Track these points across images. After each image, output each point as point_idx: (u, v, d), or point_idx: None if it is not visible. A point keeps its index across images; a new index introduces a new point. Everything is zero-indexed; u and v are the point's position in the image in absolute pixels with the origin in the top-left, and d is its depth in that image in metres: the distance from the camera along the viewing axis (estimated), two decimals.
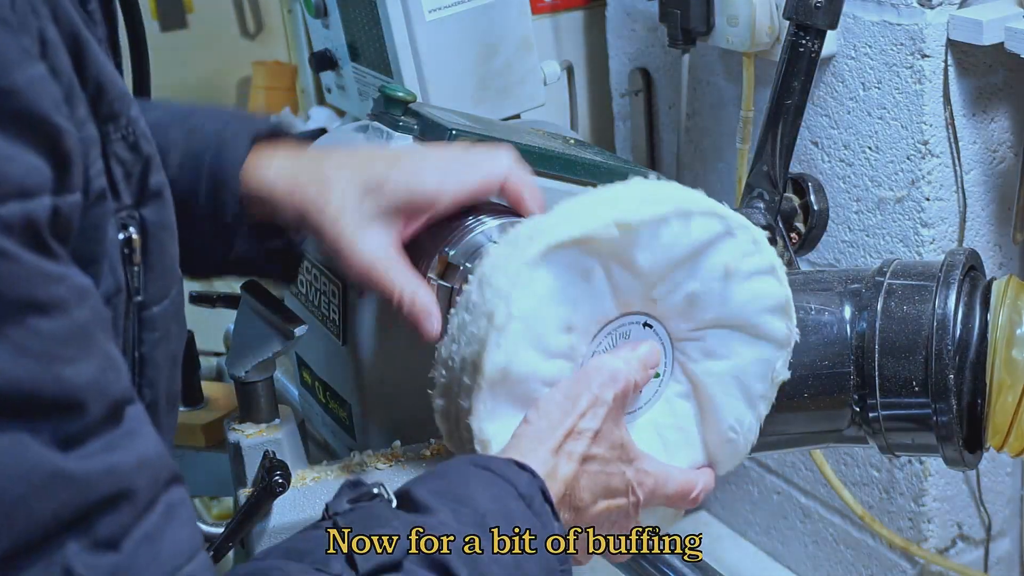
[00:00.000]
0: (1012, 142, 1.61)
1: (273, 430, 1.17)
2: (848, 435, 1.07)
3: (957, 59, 1.52)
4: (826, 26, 1.32)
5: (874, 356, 1.02)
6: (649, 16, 1.92)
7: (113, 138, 0.73)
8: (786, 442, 1.12)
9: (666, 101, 1.99)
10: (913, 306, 1.02)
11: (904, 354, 1.01)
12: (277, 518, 1.12)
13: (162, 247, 0.78)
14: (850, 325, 1.05)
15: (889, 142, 1.58)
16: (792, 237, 1.35)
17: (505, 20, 1.65)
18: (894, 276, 1.06)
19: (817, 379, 1.05)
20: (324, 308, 1.27)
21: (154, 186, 0.77)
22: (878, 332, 1.03)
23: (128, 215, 0.75)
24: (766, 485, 1.99)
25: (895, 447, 1.05)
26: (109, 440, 0.66)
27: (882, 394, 1.02)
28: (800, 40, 1.32)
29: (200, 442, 1.47)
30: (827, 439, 1.12)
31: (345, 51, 1.77)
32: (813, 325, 1.06)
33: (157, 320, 0.78)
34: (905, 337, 1.02)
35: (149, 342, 0.78)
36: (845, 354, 1.04)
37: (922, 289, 1.03)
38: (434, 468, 0.93)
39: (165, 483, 0.70)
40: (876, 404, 1.03)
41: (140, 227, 0.76)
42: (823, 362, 1.05)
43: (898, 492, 1.73)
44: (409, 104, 1.35)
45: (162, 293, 0.79)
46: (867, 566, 1.82)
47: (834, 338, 1.05)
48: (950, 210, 1.58)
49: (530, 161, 1.28)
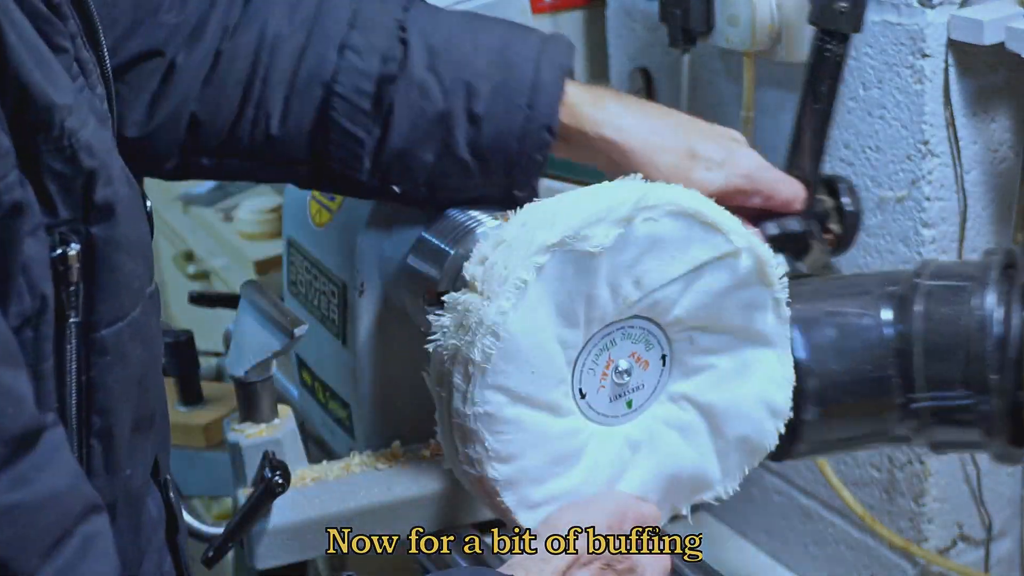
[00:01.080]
0: (1013, 142, 1.60)
1: (273, 430, 1.17)
2: (894, 435, 1.10)
3: (958, 59, 1.52)
4: (850, 30, 1.33)
5: (916, 358, 1.05)
6: (649, 16, 1.92)
7: (43, 149, 0.68)
8: (835, 446, 1.15)
9: (666, 101, 1.99)
10: (952, 307, 1.05)
11: (945, 355, 1.04)
12: (277, 518, 1.12)
13: (113, 265, 0.73)
14: (890, 328, 1.07)
15: (889, 142, 1.58)
16: (828, 239, 1.36)
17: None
18: (931, 277, 1.08)
19: (861, 384, 1.07)
20: (324, 308, 1.27)
21: (101, 201, 0.72)
22: (919, 334, 1.05)
23: (70, 230, 0.70)
24: (766, 485, 1.99)
25: (941, 445, 1.08)
26: (11, 478, 0.61)
27: (926, 395, 1.05)
28: (826, 45, 1.34)
29: (200, 442, 1.48)
30: (874, 440, 1.15)
31: None
32: (854, 330, 1.08)
33: (108, 343, 0.73)
34: (945, 338, 1.04)
35: (99, 366, 0.73)
36: (887, 357, 1.07)
37: (960, 290, 1.05)
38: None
39: (80, 516, 0.65)
40: (920, 405, 1.05)
41: (86, 244, 0.71)
42: (866, 366, 1.07)
43: (898, 492, 1.72)
44: None
45: (116, 315, 0.74)
46: (867, 566, 1.82)
47: (875, 342, 1.08)
48: (951, 210, 1.58)
49: None
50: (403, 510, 1.16)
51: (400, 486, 1.17)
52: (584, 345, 0.95)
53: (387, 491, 1.16)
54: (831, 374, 1.10)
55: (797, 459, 1.12)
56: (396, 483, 1.17)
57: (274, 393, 1.19)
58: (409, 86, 1.08)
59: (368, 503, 1.15)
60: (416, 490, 1.17)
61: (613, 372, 0.97)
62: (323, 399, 1.32)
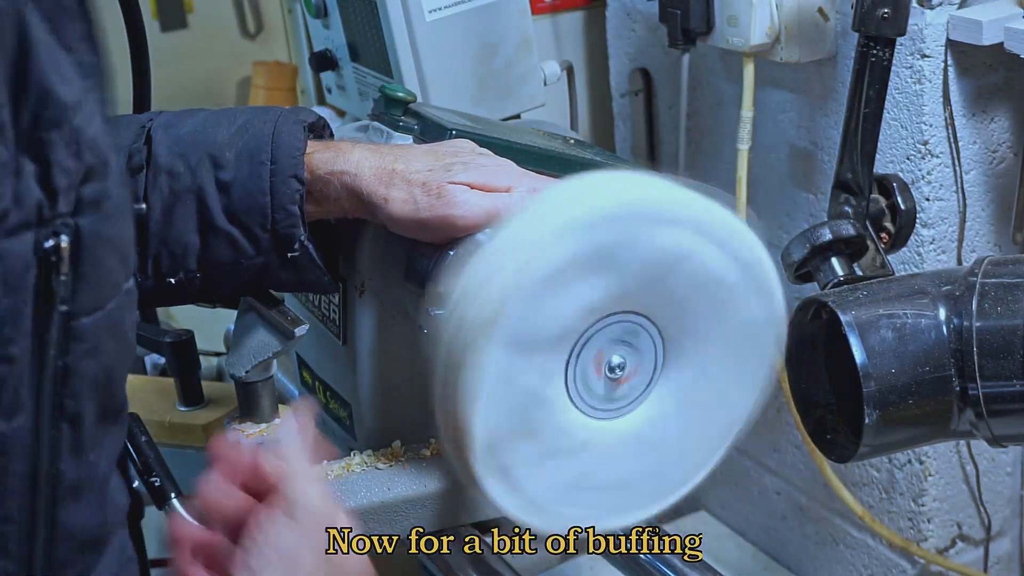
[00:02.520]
0: (1012, 142, 1.61)
1: (273, 429, 1.17)
2: (956, 431, 1.12)
3: (957, 59, 1.52)
4: (895, 34, 1.34)
5: (974, 358, 1.06)
6: (649, 16, 1.92)
7: (57, 145, 0.72)
8: (897, 446, 1.17)
9: (666, 101, 1.99)
10: (1007, 306, 1.06)
11: (1002, 354, 1.06)
12: None
13: (97, 257, 0.76)
14: (948, 328, 1.08)
15: (889, 142, 1.58)
16: (882, 237, 1.37)
17: (505, 20, 1.65)
18: (986, 276, 1.09)
19: (921, 385, 1.09)
20: (324, 308, 1.27)
21: (90, 195, 0.75)
22: (976, 333, 1.06)
23: (63, 223, 0.73)
24: (766, 485, 1.99)
25: (1002, 439, 1.09)
26: None
27: (984, 393, 1.07)
28: (871, 51, 1.35)
29: (200, 442, 1.47)
30: (936, 437, 1.18)
31: (345, 51, 1.77)
32: (911, 333, 1.10)
33: (87, 331, 0.76)
34: (1002, 337, 1.06)
35: (76, 352, 0.75)
36: (945, 358, 1.08)
37: (1014, 288, 1.07)
38: None
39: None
40: (980, 407, 1.07)
41: (74, 235, 0.74)
42: (924, 368, 1.09)
43: (898, 492, 1.73)
44: (409, 104, 1.35)
45: (95, 304, 0.77)
46: (867, 566, 1.83)
47: (933, 344, 1.10)
48: (950, 210, 1.58)
49: (530, 161, 1.28)
50: (403, 510, 1.16)
51: (400, 486, 1.17)
52: (575, 342, 0.96)
53: (387, 491, 1.16)
54: (890, 377, 1.11)
55: (860, 460, 1.14)
56: (396, 483, 1.17)
57: (274, 393, 1.19)
58: (157, 173, 1.10)
59: (368, 503, 1.15)
60: (416, 490, 1.17)
61: (606, 367, 0.97)
62: (323, 399, 1.32)
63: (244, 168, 1.09)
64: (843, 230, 1.30)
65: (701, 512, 2.12)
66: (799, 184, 1.76)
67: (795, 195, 1.77)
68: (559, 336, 0.94)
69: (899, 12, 1.34)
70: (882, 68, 1.36)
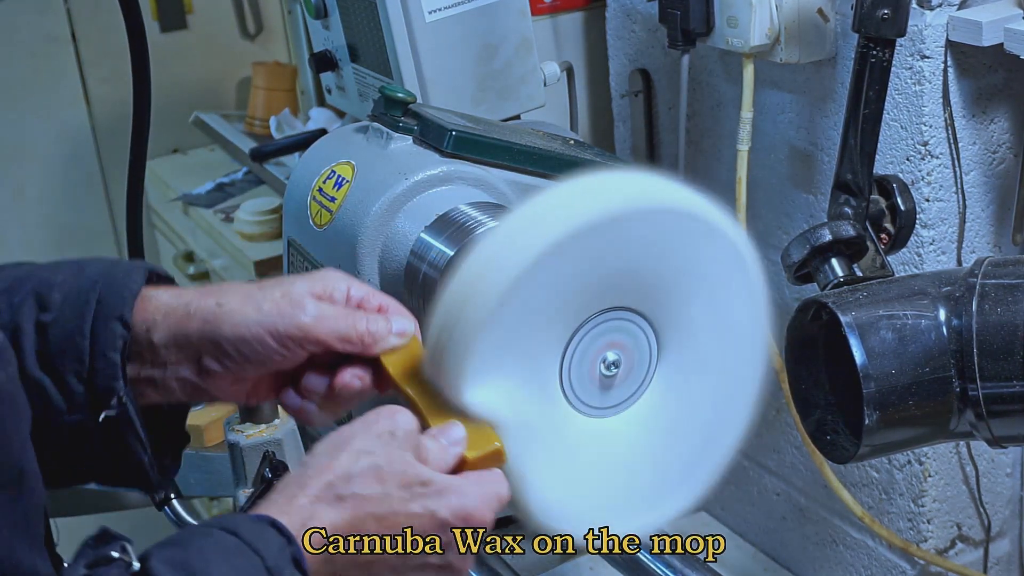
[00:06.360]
0: (1012, 143, 1.61)
1: (273, 430, 1.17)
2: (955, 432, 1.12)
3: (957, 60, 1.52)
4: (895, 35, 1.35)
5: (973, 359, 1.07)
6: (649, 17, 1.92)
7: None
8: (897, 446, 1.17)
9: (666, 102, 1.99)
10: (1007, 307, 1.07)
11: (1002, 355, 1.06)
12: None
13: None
14: (947, 329, 1.09)
15: (889, 143, 1.58)
16: (882, 238, 1.37)
17: (505, 21, 1.65)
18: (986, 276, 1.09)
19: (921, 386, 1.10)
20: None
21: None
22: (976, 334, 1.06)
23: None
24: (766, 485, 1.99)
25: (1002, 439, 1.10)
26: None
27: (984, 394, 1.07)
28: (871, 52, 1.36)
29: (200, 442, 1.47)
30: (936, 438, 1.18)
31: (345, 52, 1.77)
32: (911, 334, 1.10)
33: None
34: (1002, 338, 1.06)
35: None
36: (945, 359, 1.09)
37: (1014, 289, 1.07)
38: (183, 531, 0.85)
39: None
40: (980, 408, 1.07)
41: None
42: (924, 369, 1.09)
43: (897, 493, 1.73)
44: (409, 105, 1.35)
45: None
46: (867, 567, 1.83)
47: (932, 344, 1.10)
48: (950, 211, 1.58)
49: (530, 162, 1.29)
50: None
51: None
52: (569, 340, 0.96)
53: None
54: (889, 377, 1.11)
55: (860, 461, 1.14)
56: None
57: None
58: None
59: None
60: None
61: (601, 364, 0.98)
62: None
63: (69, 309, 0.94)
64: (843, 231, 1.30)
65: (701, 513, 2.12)
66: (799, 185, 1.76)
67: (795, 196, 1.77)
68: (553, 335, 0.94)
69: (899, 13, 1.34)
70: (882, 69, 1.36)
